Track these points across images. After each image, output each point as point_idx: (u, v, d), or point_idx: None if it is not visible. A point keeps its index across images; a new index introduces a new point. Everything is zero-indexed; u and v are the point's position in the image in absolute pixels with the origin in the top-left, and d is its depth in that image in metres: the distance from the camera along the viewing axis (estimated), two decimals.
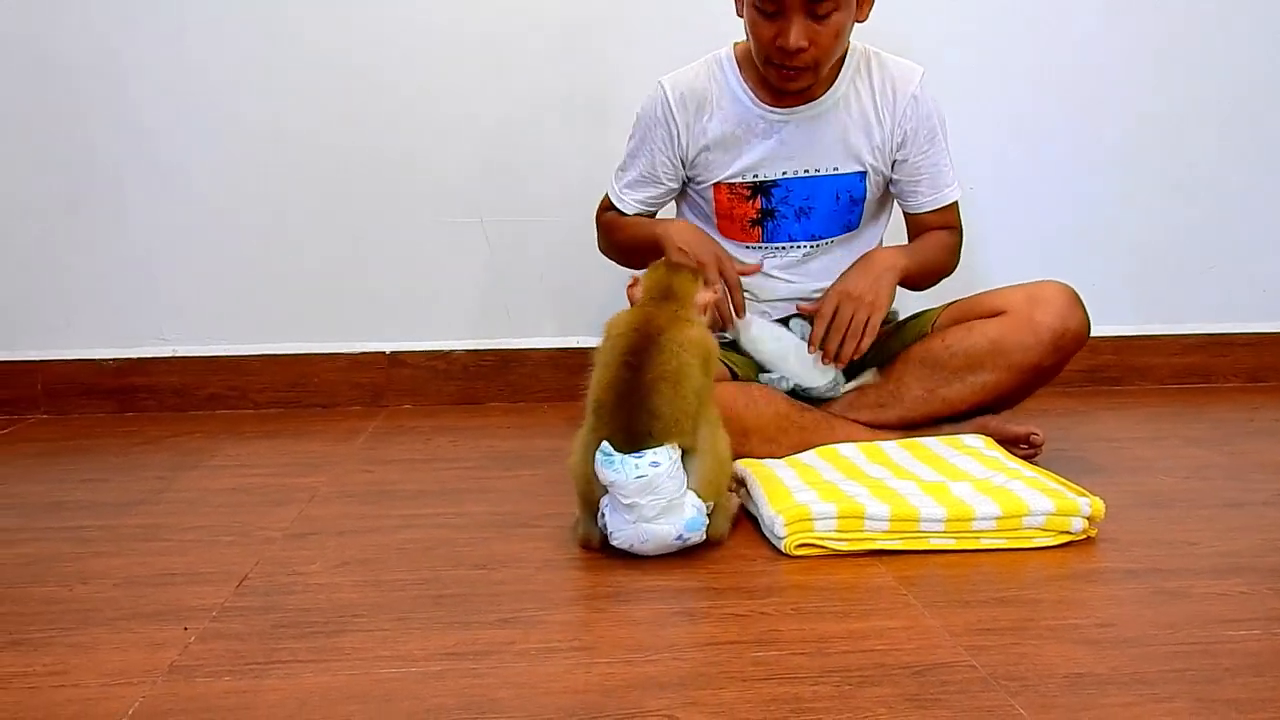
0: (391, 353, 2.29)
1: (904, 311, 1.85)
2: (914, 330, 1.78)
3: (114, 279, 2.24)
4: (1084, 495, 1.32)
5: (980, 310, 1.71)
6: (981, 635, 1.04)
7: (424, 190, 2.27)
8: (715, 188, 1.75)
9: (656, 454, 1.20)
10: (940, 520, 1.28)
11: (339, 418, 2.19)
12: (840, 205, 1.75)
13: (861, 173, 1.73)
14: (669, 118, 1.73)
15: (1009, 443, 1.66)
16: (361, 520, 1.46)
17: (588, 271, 2.16)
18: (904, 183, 1.76)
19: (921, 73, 1.72)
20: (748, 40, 1.65)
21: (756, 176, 1.73)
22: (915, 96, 1.71)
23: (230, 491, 1.62)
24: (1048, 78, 2.32)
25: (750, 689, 0.93)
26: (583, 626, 1.10)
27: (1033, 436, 1.69)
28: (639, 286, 1.39)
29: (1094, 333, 1.69)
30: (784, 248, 1.77)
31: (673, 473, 1.21)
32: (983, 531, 1.29)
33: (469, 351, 2.30)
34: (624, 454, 1.20)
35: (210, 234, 2.24)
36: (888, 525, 1.28)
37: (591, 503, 1.28)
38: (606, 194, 1.84)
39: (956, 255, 1.82)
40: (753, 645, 1.02)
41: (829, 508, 1.28)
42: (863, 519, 1.28)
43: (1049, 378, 1.70)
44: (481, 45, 2.22)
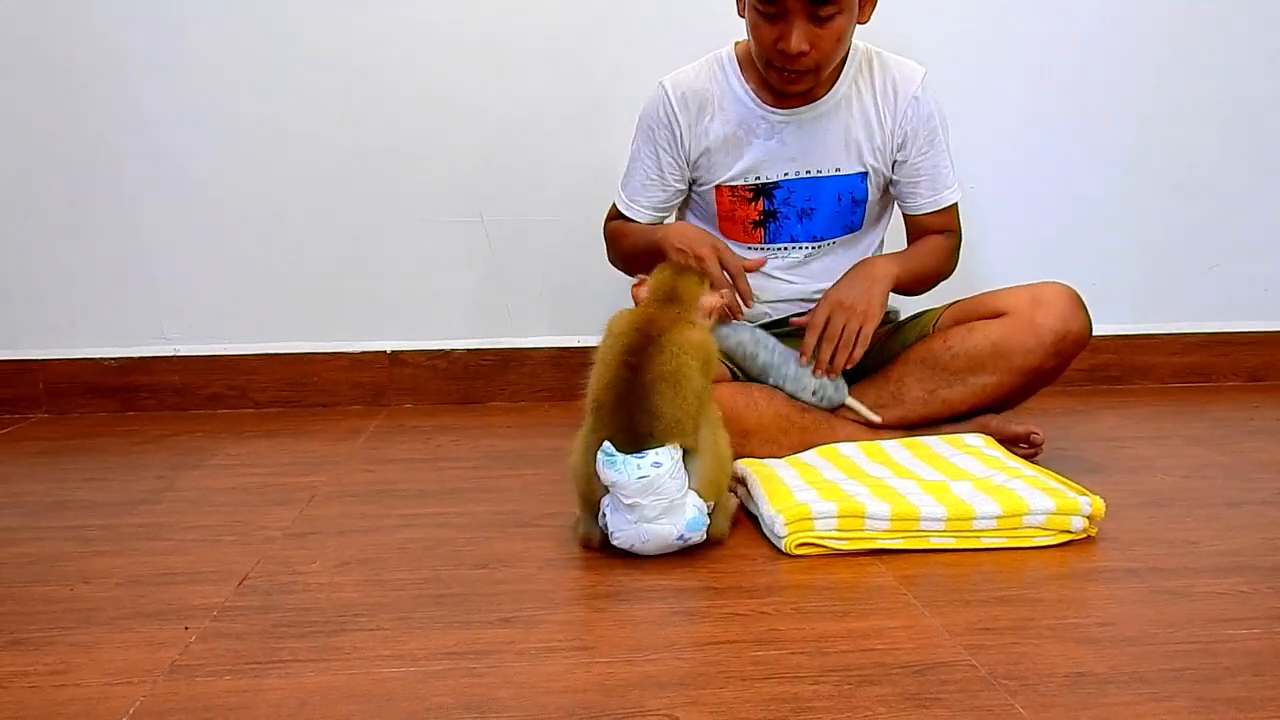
0: (392, 352, 2.30)
1: (905, 311, 1.85)
2: (915, 330, 1.78)
3: (115, 278, 2.25)
4: (1084, 494, 1.32)
5: (981, 311, 1.71)
6: (981, 634, 1.04)
7: (424, 190, 2.27)
8: (717, 190, 1.74)
9: (658, 454, 1.20)
10: (940, 519, 1.28)
11: (340, 417, 2.19)
12: (842, 206, 1.75)
13: (863, 173, 1.73)
14: (672, 118, 1.72)
15: (1009, 442, 1.66)
16: (362, 520, 1.46)
17: (588, 271, 2.16)
18: (903, 184, 1.76)
19: (923, 73, 1.72)
20: (749, 41, 1.65)
21: (758, 178, 1.72)
22: (917, 97, 1.71)
23: (231, 491, 1.63)
24: (1048, 78, 2.32)
25: (750, 688, 0.93)
26: (583, 626, 1.10)
27: (1033, 436, 1.69)
28: (644, 286, 1.39)
29: (1095, 331, 1.69)
30: (786, 249, 1.77)
31: (674, 473, 1.21)
32: (983, 530, 1.29)
33: (470, 351, 2.31)
34: (626, 454, 1.20)
35: (211, 233, 2.24)
36: (888, 524, 1.28)
37: (592, 502, 1.28)
38: (614, 204, 1.82)
39: (954, 259, 1.82)
40: (753, 644, 1.02)
41: (829, 507, 1.28)
42: (863, 518, 1.28)
43: (1050, 379, 1.70)
44: (482, 45, 2.23)
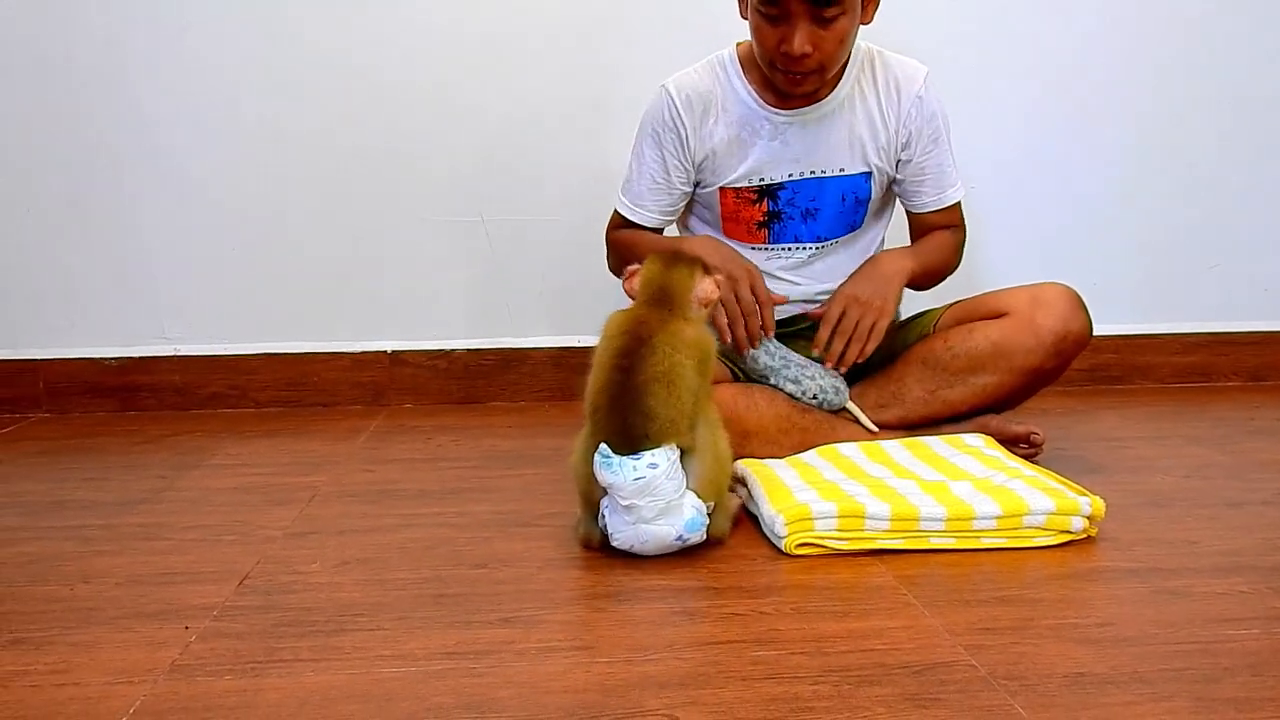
0: (393, 352, 2.30)
1: (906, 311, 1.85)
2: (915, 331, 1.78)
3: (115, 278, 2.25)
4: (1084, 494, 1.32)
5: (982, 311, 1.71)
6: (981, 634, 1.04)
7: (425, 190, 2.27)
8: (721, 191, 1.74)
9: (654, 455, 1.19)
10: (941, 519, 1.29)
11: (340, 417, 2.19)
12: (846, 206, 1.75)
13: (867, 173, 1.73)
14: (677, 121, 1.71)
15: (1009, 442, 1.66)
16: (362, 519, 1.46)
17: (588, 271, 2.16)
18: (907, 183, 1.76)
19: (926, 72, 1.72)
20: (752, 43, 1.64)
21: (763, 179, 1.72)
22: (920, 97, 1.71)
23: (231, 490, 1.63)
24: (1048, 78, 2.32)
25: (750, 688, 0.93)
26: (583, 626, 1.10)
27: (1033, 436, 1.69)
28: (636, 278, 1.36)
29: (1095, 331, 1.69)
30: (789, 249, 1.76)
31: (671, 474, 1.21)
32: (983, 531, 1.29)
33: (470, 351, 2.31)
34: (622, 456, 1.20)
35: (212, 233, 2.25)
36: (888, 524, 1.28)
37: (592, 502, 1.28)
38: (615, 212, 1.80)
39: (960, 254, 1.82)
40: (753, 645, 1.02)
41: (829, 507, 1.28)
42: (863, 518, 1.28)
43: (1050, 380, 1.70)
44: (482, 45, 2.23)
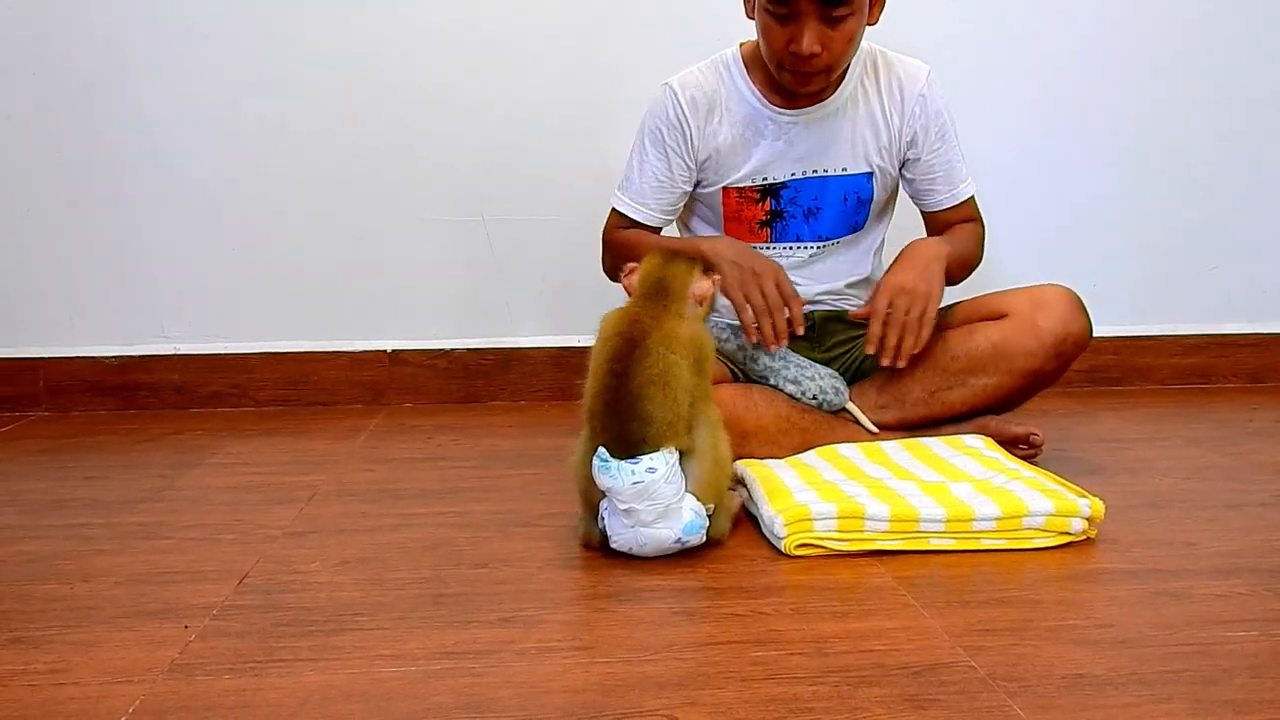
0: (392, 351, 2.30)
1: None
2: None
3: (116, 277, 2.25)
4: (1084, 496, 1.32)
5: (982, 312, 1.71)
6: (980, 636, 1.04)
7: (425, 189, 2.27)
8: (724, 191, 1.74)
9: (653, 459, 1.19)
10: (940, 520, 1.29)
11: (340, 416, 2.19)
12: (848, 206, 1.75)
13: (869, 173, 1.73)
14: (682, 120, 1.70)
15: (1009, 443, 1.66)
16: (362, 519, 1.46)
17: (588, 271, 2.15)
18: (919, 182, 1.76)
19: (928, 71, 1.73)
20: (759, 43, 1.64)
21: (766, 179, 1.72)
22: (924, 95, 1.71)
23: (231, 489, 1.63)
24: (1047, 78, 2.32)
25: (749, 689, 0.93)
26: (582, 626, 1.10)
27: (1032, 437, 1.69)
28: (635, 275, 1.35)
29: (1095, 333, 1.69)
30: (791, 248, 1.76)
31: (670, 477, 1.21)
32: (982, 532, 1.29)
33: (470, 350, 2.31)
34: (620, 460, 1.20)
35: (212, 232, 2.25)
36: (887, 525, 1.28)
37: (592, 503, 1.28)
38: (613, 212, 1.78)
39: (982, 246, 1.81)
40: (752, 645, 1.02)
41: (829, 508, 1.28)
42: (863, 519, 1.28)
43: (1050, 382, 1.70)
44: (482, 45, 2.23)
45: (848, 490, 1.36)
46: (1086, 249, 2.38)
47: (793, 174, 1.72)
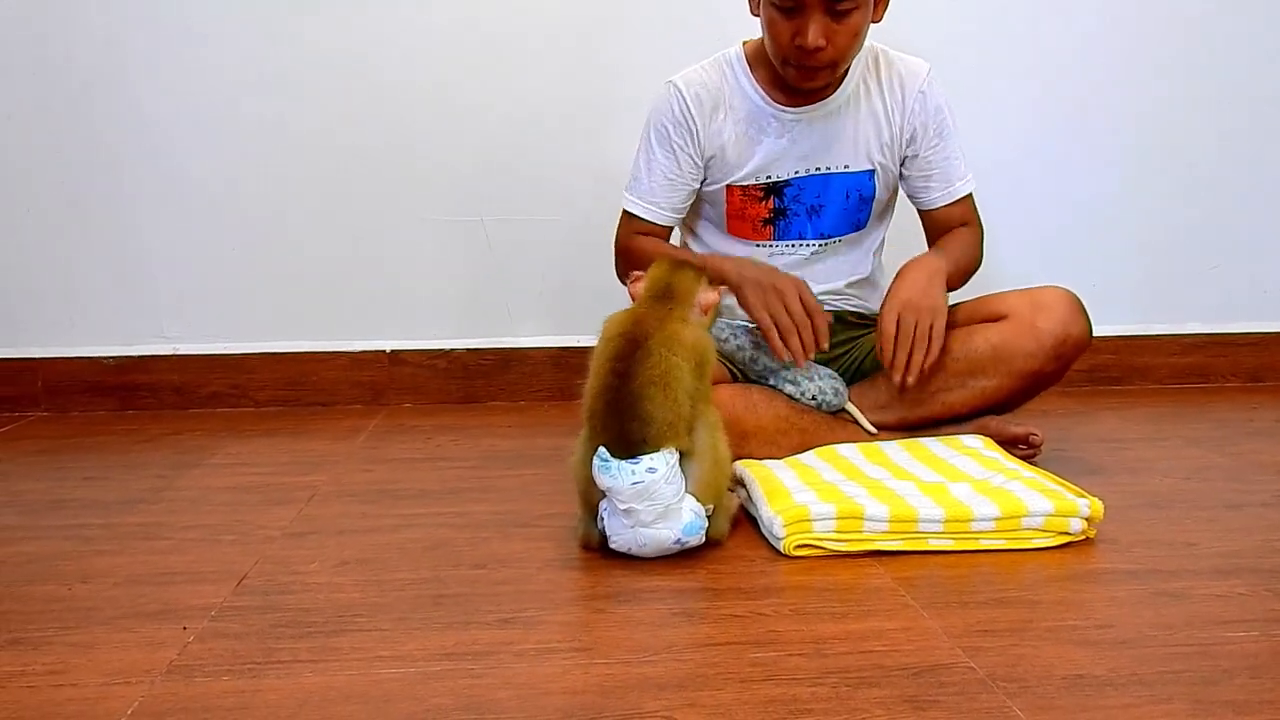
0: (392, 351, 2.30)
1: None
2: None
3: (115, 277, 2.25)
4: (1083, 496, 1.32)
5: (982, 314, 1.71)
6: (980, 636, 1.04)
7: (425, 189, 2.27)
8: (728, 189, 1.74)
9: (653, 460, 1.19)
10: (939, 521, 1.28)
11: (339, 416, 2.19)
12: (850, 203, 1.75)
13: (870, 171, 1.74)
14: (688, 116, 1.70)
15: (1008, 443, 1.66)
16: (361, 519, 1.46)
17: (588, 271, 2.16)
18: (914, 179, 1.76)
19: (928, 68, 1.73)
20: (764, 39, 1.64)
21: (769, 177, 1.72)
22: (923, 92, 1.71)
23: (230, 490, 1.63)
24: (1048, 78, 2.32)
25: (748, 690, 0.93)
26: (582, 627, 1.10)
27: (1032, 437, 1.69)
28: (642, 281, 1.36)
29: (1095, 332, 1.69)
30: (794, 245, 1.76)
31: (670, 478, 1.21)
32: (981, 532, 1.29)
33: (469, 350, 2.31)
34: (620, 460, 1.20)
35: (211, 232, 2.25)
36: (886, 526, 1.28)
37: (591, 503, 1.28)
38: (625, 217, 1.76)
39: (980, 249, 1.79)
40: (751, 646, 1.02)
41: (828, 508, 1.28)
42: (861, 519, 1.28)
43: (1050, 383, 1.70)
44: (482, 45, 2.22)
45: (847, 490, 1.36)
46: (1087, 248, 2.38)
47: (796, 171, 1.72)
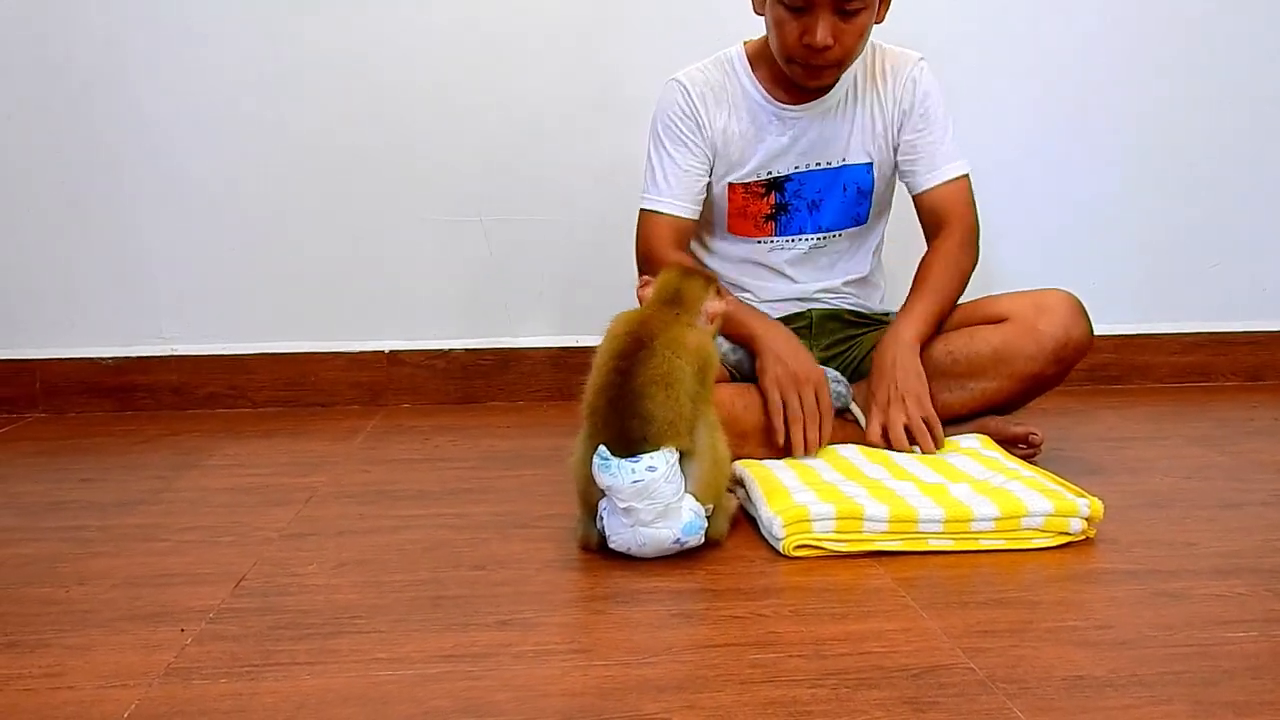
0: (391, 352, 2.29)
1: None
2: None
3: (114, 278, 2.24)
4: (1083, 496, 1.32)
5: (983, 315, 1.71)
6: (980, 637, 1.04)
7: (424, 189, 2.26)
8: (730, 187, 1.75)
9: (653, 458, 1.19)
10: (939, 521, 1.28)
11: (338, 417, 2.19)
12: (849, 197, 1.76)
13: (868, 164, 1.75)
14: (694, 110, 1.71)
15: (1008, 443, 1.66)
16: (360, 520, 1.46)
17: (588, 271, 2.16)
18: (903, 164, 1.76)
19: (919, 57, 1.75)
20: (769, 38, 1.66)
21: (770, 173, 1.74)
22: (914, 78, 1.73)
23: (229, 491, 1.62)
24: (1049, 78, 2.32)
25: (748, 691, 0.93)
26: (581, 628, 1.10)
27: (1032, 436, 1.68)
28: (650, 287, 1.36)
29: (1095, 332, 1.69)
30: (794, 240, 1.77)
31: (670, 477, 1.20)
32: (981, 533, 1.29)
33: (468, 350, 2.30)
34: (620, 458, 1.19)
35: (211, 233, 2.24)
36: (886, 526, 1.28)
37: (591, 504, 1.28)
38: (644, 216, 1.74)
39: (969, 250, 1.75)
40: (751, 647, 1.02)
41: (827, 508, 1.28)
42: (861, 520, 1.27)
43: (1050, 386, 1.70)
44: (482, 45, 2.22)
45: (846, 491, 1.36)
46: (1088, 248, 2.37)
47: (796, 167, 1.74)
